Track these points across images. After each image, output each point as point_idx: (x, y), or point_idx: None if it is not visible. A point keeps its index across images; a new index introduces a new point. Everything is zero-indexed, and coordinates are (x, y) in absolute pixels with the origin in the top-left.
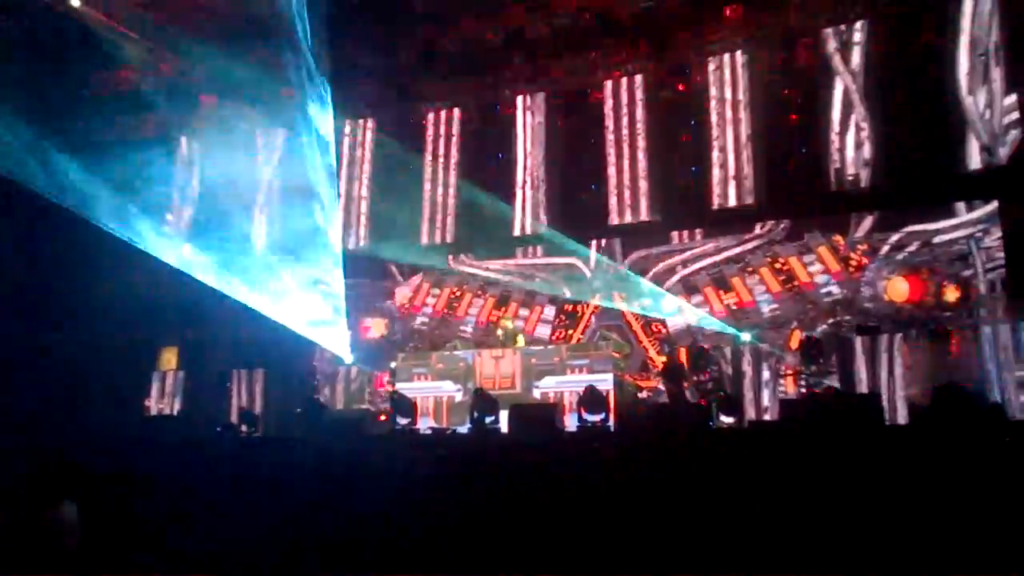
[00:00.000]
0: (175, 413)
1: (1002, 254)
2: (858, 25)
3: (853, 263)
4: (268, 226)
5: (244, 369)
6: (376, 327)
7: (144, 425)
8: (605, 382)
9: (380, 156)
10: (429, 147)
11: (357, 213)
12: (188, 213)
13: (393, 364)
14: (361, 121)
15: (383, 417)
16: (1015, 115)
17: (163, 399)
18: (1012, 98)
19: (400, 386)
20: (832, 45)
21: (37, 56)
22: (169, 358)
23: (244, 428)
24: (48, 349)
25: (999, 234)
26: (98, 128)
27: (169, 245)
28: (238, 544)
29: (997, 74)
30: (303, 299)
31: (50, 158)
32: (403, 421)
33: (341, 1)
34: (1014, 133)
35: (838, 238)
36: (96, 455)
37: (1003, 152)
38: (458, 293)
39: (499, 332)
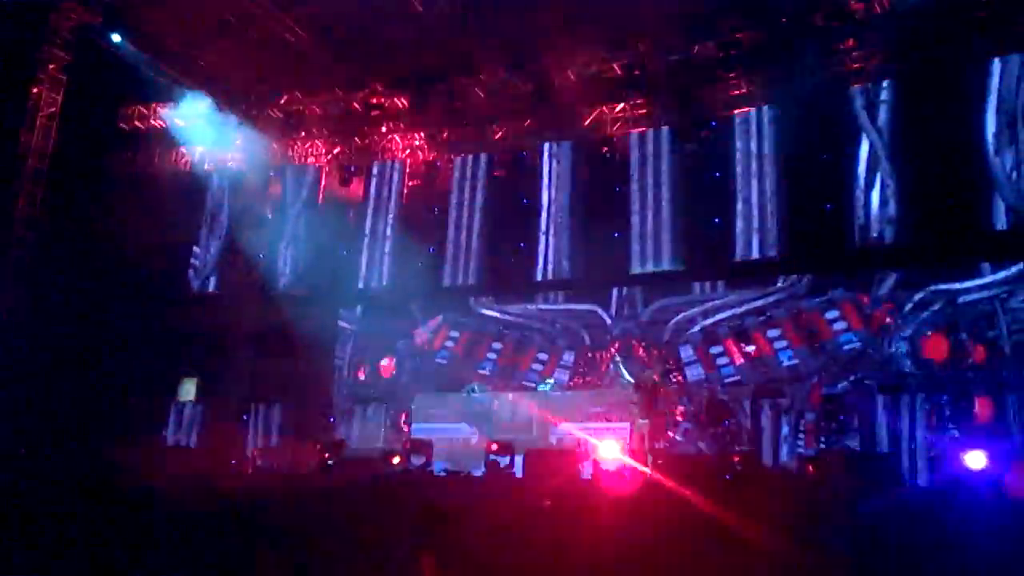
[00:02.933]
0: (191, 445)
1: None
2: (885, 84)
3: (876, 320)
4: (292, 263)
5: (262, 403)
6: (391, 367)
7: (160, 456)
8: (623, 429)
9: (405, 197)
10: (455, 190)
11: (381, 253)
12: (215, 247)
13: (413, 405)
14: (389, 163)
15: (397, 457)
16: None
17: (180, 430)
18: None
19: (417, 426)
20: (859, 102)
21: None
22: (188, 389)
23: (259, 462)
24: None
25: None
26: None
27: (195, 278)
28: None
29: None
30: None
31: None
32: (418, 461)
33: (373, 42)
34: None
35: (862, 296)
36: (111, 484)
37: None
38: (477, 337)
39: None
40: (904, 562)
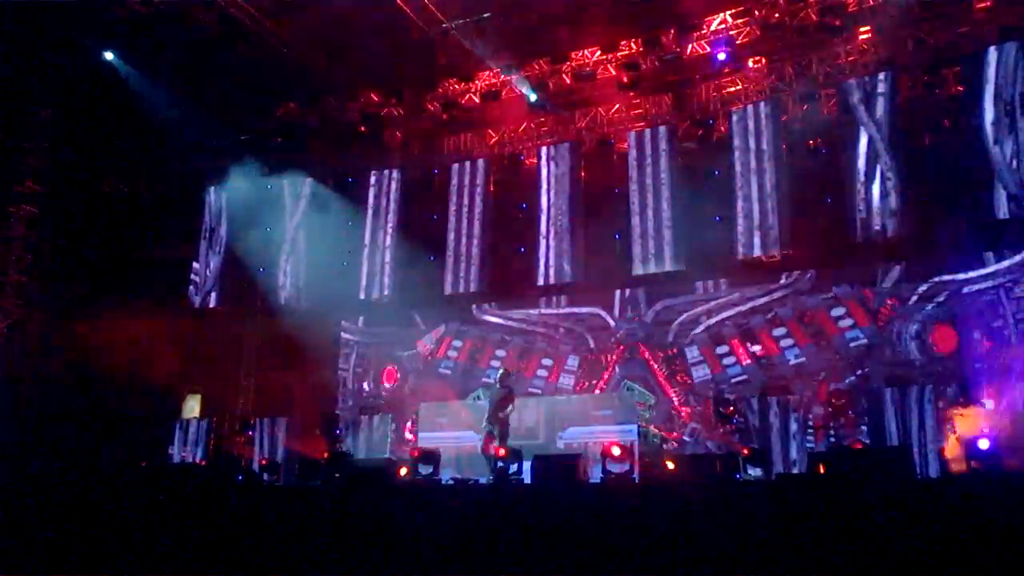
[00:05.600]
0: (198, 461)
1: None
2: (881, 76)
3: (882, 315)
4: (293, 275)
5: (267, 417)
6: (395, 376)
7: (167, 473)
8: (630, 433)
9: (404, 206)
10: (453, 197)
11: (382, 262)
12: (215, 262)
13: (416, 413)
14: (387, 171)
15: (404, 468)
16: None
17: (185, 447)
18: None
19: (423, 435)
20: (856, 96)
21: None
22: (193, 406)
23: (265, 477)
24: (76, 394)
25: None
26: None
27: (196, 293)
28: None
29: (1023, 124)
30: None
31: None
32: (425, 471)
33: (368, 51)
34: None
35: (867, 291)
36: (118, 500)
37: None
38: (480, 345)
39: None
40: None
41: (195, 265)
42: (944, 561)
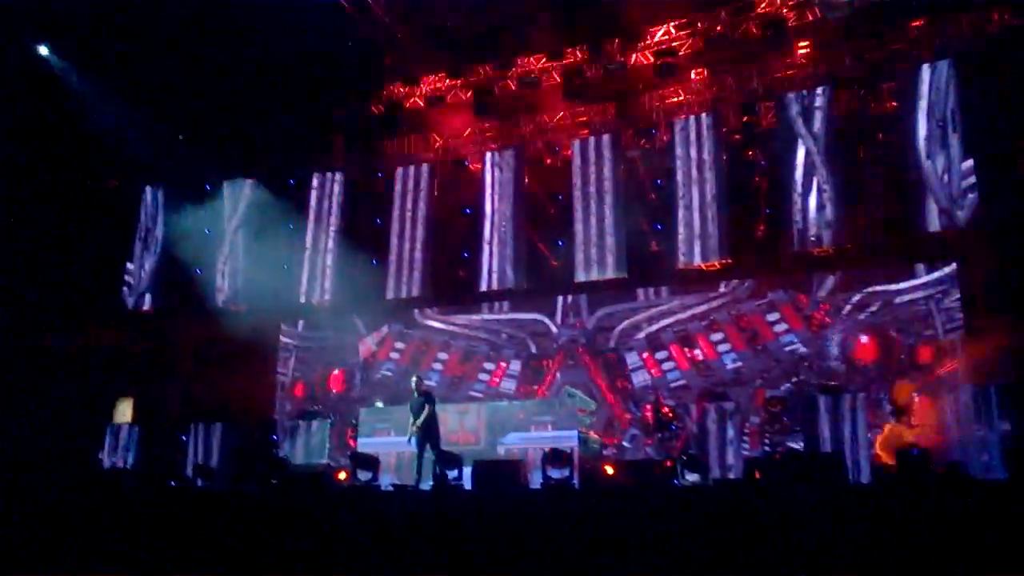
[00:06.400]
0: (128, 467)
1: (961, 315)
2: (819, 90)
3: (815, 321)
4: (231, 278)
5: (201, 422)
6: (338, 380)
7: (98, 478)
8: (570, 438)
9: (347, 209)
10: (397, 201)
11: (323, 266)
12: (150, 263)
13: (355, 420)
14: (329, 175)
15: (343, 473)
16: (972, 179)
17: (116, 452)
18: (969, 163)
19: (363, 441)
20: (794, 109)
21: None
22: (124, 410)
23: (199, 482)
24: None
25: (958, 295)
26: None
27: (130, 295)
28: None
29: (955, 139)
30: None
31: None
32: (365, 476)
33: (314, 55)
34: (971, 197)
35: (802, 297)
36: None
37: (961, 215)
38: (423, 347)
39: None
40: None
41: (129, 266)
42: (874, 562)
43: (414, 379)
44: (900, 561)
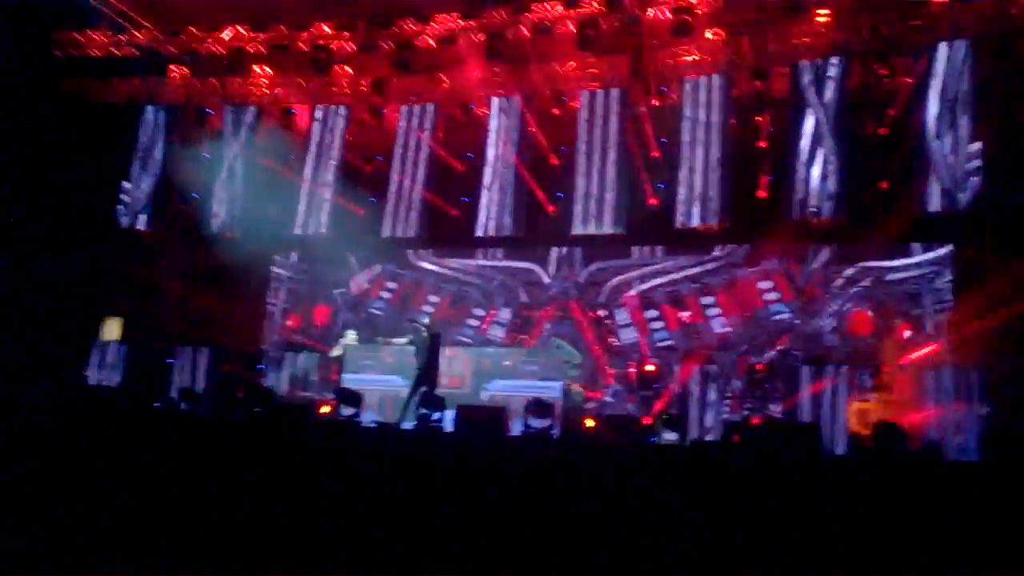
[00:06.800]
0: (114, 385)
1: (950, 297)
2: (834, 60)
3: (807, 293)
4: (228, 204)
5: (189, 346)
6: (324, 314)
7: (82, 395)
8: (553, 389)
9: (348, 144)
10: (400, 140)
11: (320, 199)
12: (147, 184)
13: (335, 352)
14: (333, 107)
15: (327, 407)
16: (977, 163)
17: (103, 371)
18: (976, 146)
19: (347, 377)
20: (807, 77)
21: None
22: (112, 329)
23: (183, 406)
24: None
25: (950, 277)
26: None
27: (125, 214)
28: (171, 529)
29: (964, 121)
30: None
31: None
32: (348, 412)
33: None
34: (975, 180)
35: (795, 266)
36: (32, 422)
37: (963, 198)
38: (414, 288)
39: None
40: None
41: (126, 185)
42: (846, 534)
43: (425, 320)
44: (868, 534)
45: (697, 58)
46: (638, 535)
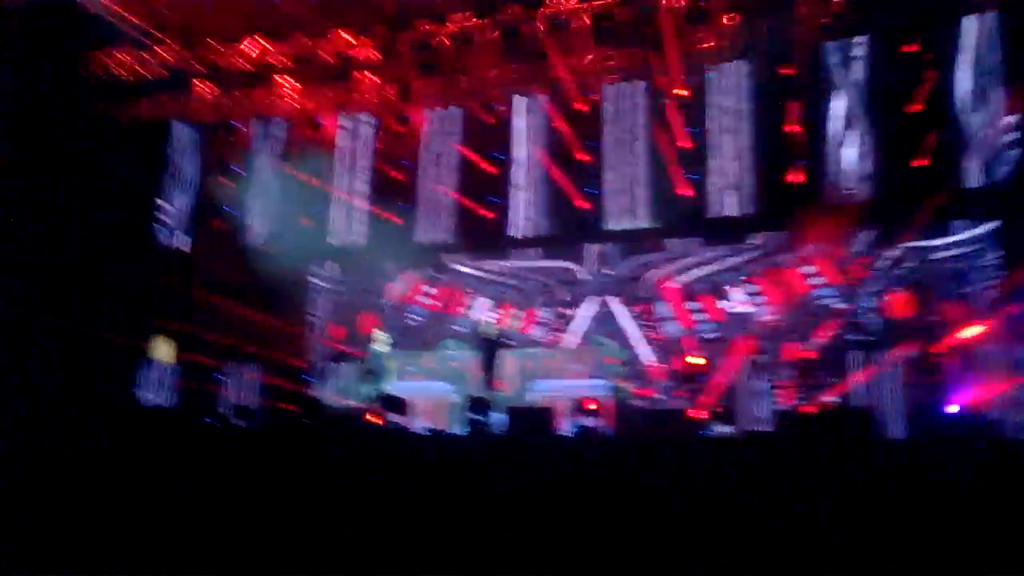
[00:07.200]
0: (167, 405)
1: (998, 273)
2: (859, 39)
3: (852, 274)
4: (261, 218)
5: (236, 361)
6: (369, 323)
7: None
8: (600, 387)
9: (378, 151)
10: (428, 144)
11: (353, 208)
12: (183, 202)
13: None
14: (359, 116)
15: (375, 416)
16: (1014, 135)
17: (153, 390)
18: (1012, 118)
19: (392, 384)
20: (834, 58)
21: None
22: (160, 347)
23: (236, 422)
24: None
25: (997, 253)
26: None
27: (164, 233)
28: (230, 542)
29: (997, 93)
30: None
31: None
32: (396, 419)
33: None
34: (1013, 153)
35: (837, 250)
36: (87, 445)
37: (1002, 171)
38: (452, 293)
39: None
40: (888, 518)
41: (161, 203)
42: (903, 523)
43: (484, 324)
44: (925, 519)
45: (717, 44)
46: (703, 528)
